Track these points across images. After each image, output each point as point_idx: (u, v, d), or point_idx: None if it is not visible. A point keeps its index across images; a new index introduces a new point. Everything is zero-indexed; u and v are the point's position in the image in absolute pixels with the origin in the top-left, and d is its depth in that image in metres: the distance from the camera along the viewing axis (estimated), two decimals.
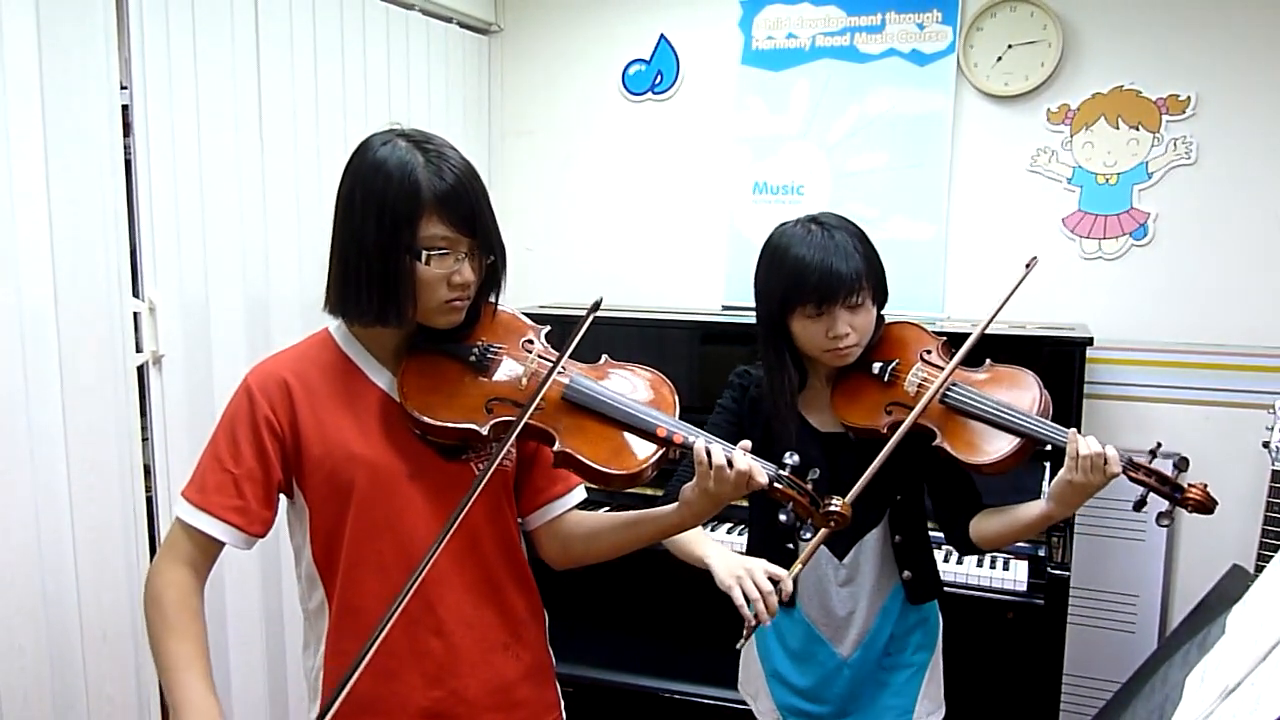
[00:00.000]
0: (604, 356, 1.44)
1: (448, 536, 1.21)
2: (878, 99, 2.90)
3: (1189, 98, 2.61)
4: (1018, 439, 1.56)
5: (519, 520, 1.47)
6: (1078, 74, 2.71)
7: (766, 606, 1.42)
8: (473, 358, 1.36)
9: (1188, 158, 2.63)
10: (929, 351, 1.69)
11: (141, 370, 2.05)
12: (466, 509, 1.22)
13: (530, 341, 1.41)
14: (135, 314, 2.02)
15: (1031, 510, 1.59)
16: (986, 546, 1.69)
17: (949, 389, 1.63)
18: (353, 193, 1.29)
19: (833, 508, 1.30)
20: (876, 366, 1.67)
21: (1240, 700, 0.64)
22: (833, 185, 2.97)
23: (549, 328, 1.44)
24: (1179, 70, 2.62)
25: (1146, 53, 2.65)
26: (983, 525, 1.66)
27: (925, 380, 1.64)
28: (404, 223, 1.25)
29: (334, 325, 1.39)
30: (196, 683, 1.24)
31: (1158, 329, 2.71)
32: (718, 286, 3.13)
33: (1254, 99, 2.57)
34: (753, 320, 2.86)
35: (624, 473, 1.30)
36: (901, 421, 1.61)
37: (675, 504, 1.34)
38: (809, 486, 1.30)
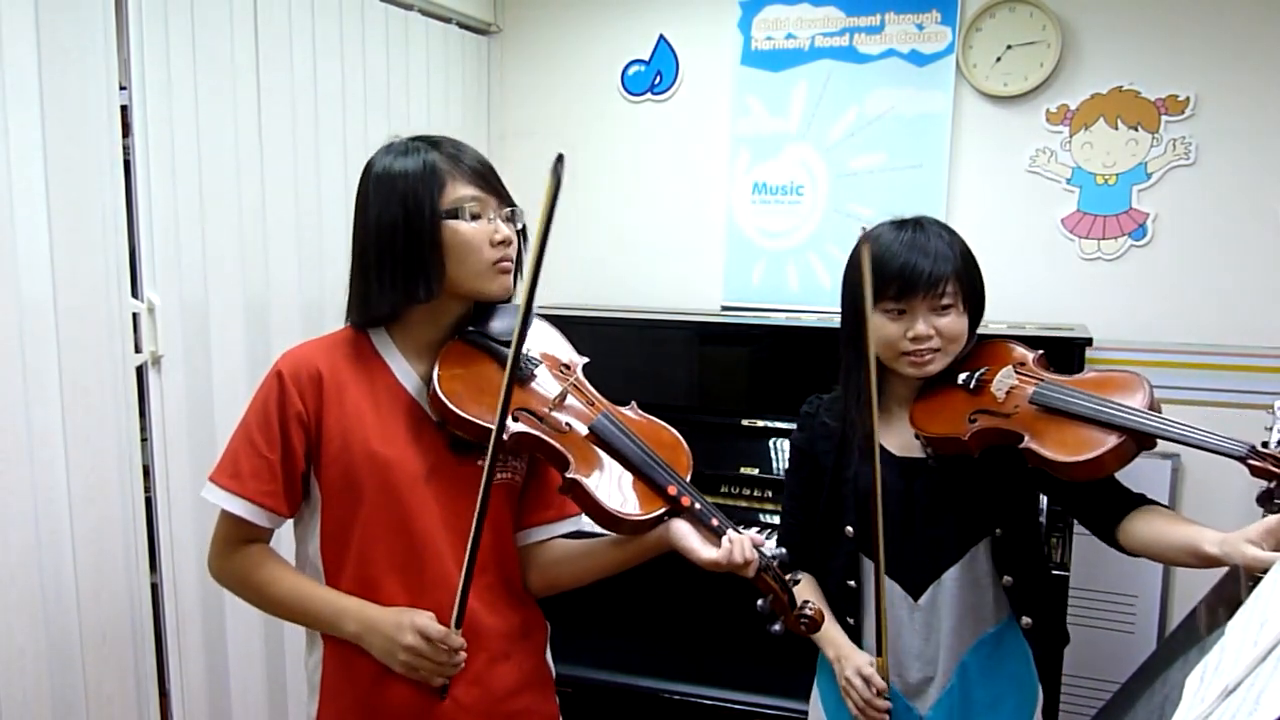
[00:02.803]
0: (632, 402, 1.45)
1: (480, 520, 1.24)
2: (877, 99, 2.90)
3: (1188, 98, 2.62)
4: (1118, 434, 1.36)
5: None
6: (1077, 74, 2.72)
7: (879, 710, 1.43)
8: None
9: (1187, 158, 2.63)
10: (1022, 363, 1.53)
11: (141, 371, 2.05)
12: (481, 507, 1.24)
13: (566, 367, 1.42)
14: (134, 314, 2.02)
15: (1193, 538, 1.31)
16: (1137, 553, 1.44)
17: (1038, 387, 1.46)
18: (368, 196, 1.32)
19: (808, 611, 1.32)
20: (962, 376, 1.53)
21: (1240, 700, 0.64)
22: (832, 185, 2.97)
23: (588, 360, 1.46)
24: (1178, 71, 2.63)
25: (1145, 53, 2.65)
26: (1136, 529, 1.42)
27: (1016, 386, 1.48)
28: (427, 195, 1.28)
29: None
30: (341, 598, 1.31)
31: (1157, 329, 2.71)
32: (716, 287, 3.13)
33: (1253, 99, 2.57)
34: (751, 321, 2.86)
35: (629, 518, 1.30)
36: (988, 429, 1.43)
37: (659, 530, 1.33)
38: (791, 585, 1.32)
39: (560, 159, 1.19)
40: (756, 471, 2.58)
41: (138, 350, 2.04)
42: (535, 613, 1.48)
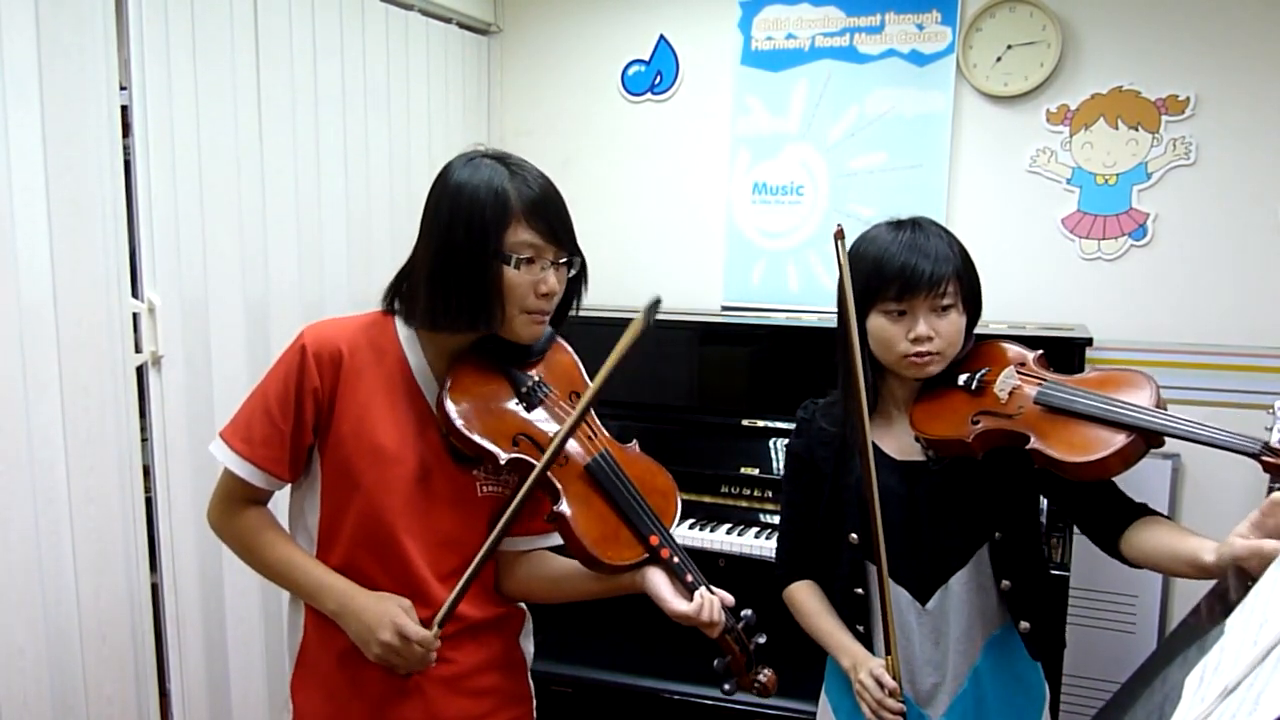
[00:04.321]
0: (634, 441, 1.46)
1: (489, 555, 1.30)
2: (877, 99, 2.90)
3: (1188, 98, 2.62)
4: (1126, 433, 1.33)
5: None
6: (1077, 74, 2.72)
7: (892, 712, 1.42)
8: (525, 389, 1.39)
9: (1187, 158, 2.63)
10: (1023, 363, 1.51)
11: (141, 371, 2.05)
12: (499, 533, 1.30)
13: (576, 395, 1.43)
14: (134, 314, 2.02)
15: (1193, 550, 1.26)
16: (1139, 564, 1.41)
17: (1043, 387, 1.44)
18: (439, 208, 1.32)
19: (761, 677, 1.34)
20: (963, 378, 1.50)
21: (1239, 700, 0.64)
22: (832, 186, 2.97)
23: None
24: (1178, 70, 2.63)
25: (1146, 53, 2.65)
26: (1138, 540, 1.39)
27: (1019, 386, 1.46)
28: (492, 229, 1.29)
29: (400, 320, 1.40)
30: (327, 575, 1.34)
31: (1157, 329, 2.71)
32: (717, 287, 3.13)
33: (1253, 99, 2.57)
34: (751, 321, 2.85)
35: (607, 562, 1.32)
36: (992, 430, 1.41)
37: (634, 573, 1.35)
38: (752, 648, 1.34)
39: (657, 303, 1.26)
40: (756, 471, 2.58)
41: (138, 350, 2.04)
42: (510, 606, 1.50)
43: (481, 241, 1.29)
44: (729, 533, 2.49)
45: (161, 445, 2.10)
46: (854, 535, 1.54)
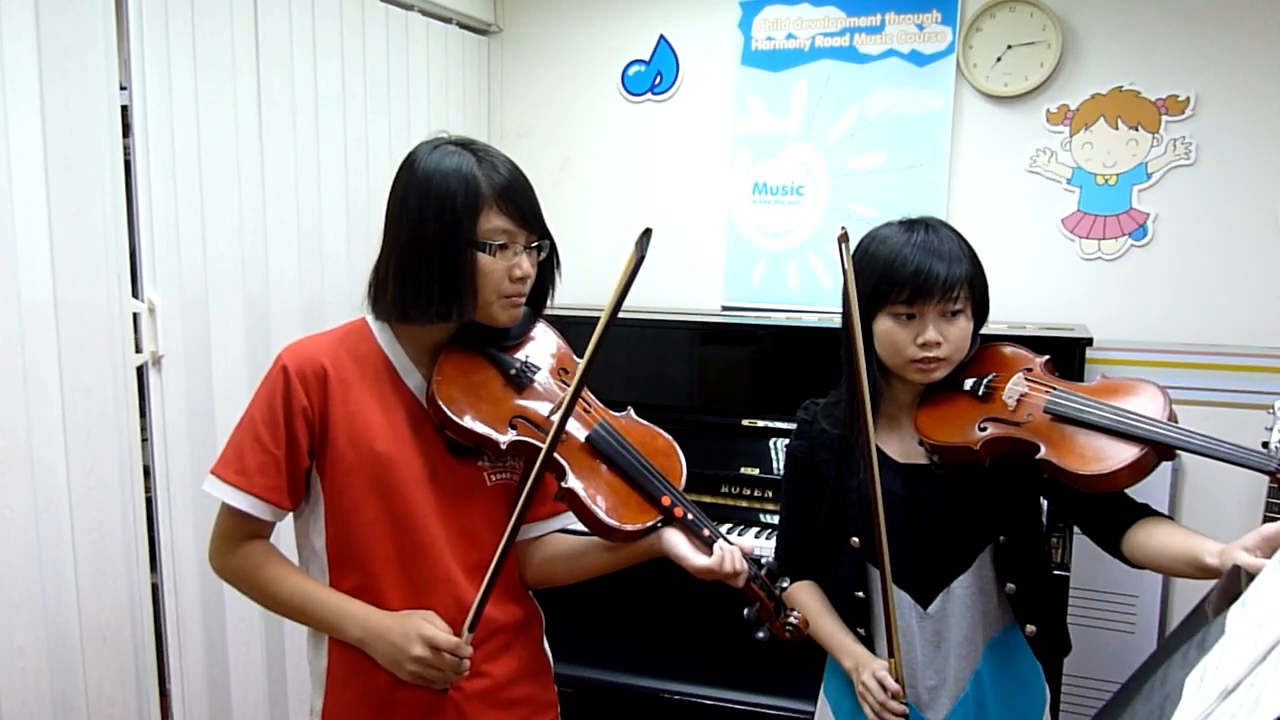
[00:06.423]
0: (629, 408, 1.45)
1: (510, 542, 1.27)
2: (877, 99, 2.90)
3: (1188, 98, 2.62)
4: (1140, 446, 1.33)
5: None
6: (1077, 74, 2.71)
7: (895, 714, 1.42)
8: (514, 371, 1.38)
9: (1187, 158, 2.63)
10: (1030, 369, 1.49)
11: (141, 371, 2.06)
12: (514, 526, 1.28)
13: (565, 371, 1.42)
14: (135, 314, 2.02)
15: (1194, 550, 1.28)
16: (1140, 565, 1.42)
17: (1053, 396, 1.42)
18: (407, 198, 1.31)
19: (793, 619, 1.33)
20: (969, 383, 1.48)
21: (1239, 700, 0.64)
22: (832, 185, 2.97)
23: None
24: (1178, 71, 2.63)
25: (1146, 53, 2.65)
26: (1139, 541, 1.39)
27: (1028, 394, 1.45)
28: (464, 217, 1.28)
29: (372, 318, 1.40)
30: (346, 603, 1.32)
31: (1157, 329, 2.71)
32: (717, 287, 3.13)
33: (1254, 99, 2.57)
34: (751, 321, 2.85)
35: (623, 528, 1.31)
36: (1000, 438, 1.40)
37: (651, 537, 1.34)
38: (778, 593, 1.33)
39: (647, 233, 1.23)
40: (757, 471, 2.58)
41: (138, 350, 2.04)
42: (532, 604, 1.50)
43: (454, 230, 1.28)
44: (729, 533, 2.48)
45: (161, 445, 2.10)
46: (855, 539, 1.53)
